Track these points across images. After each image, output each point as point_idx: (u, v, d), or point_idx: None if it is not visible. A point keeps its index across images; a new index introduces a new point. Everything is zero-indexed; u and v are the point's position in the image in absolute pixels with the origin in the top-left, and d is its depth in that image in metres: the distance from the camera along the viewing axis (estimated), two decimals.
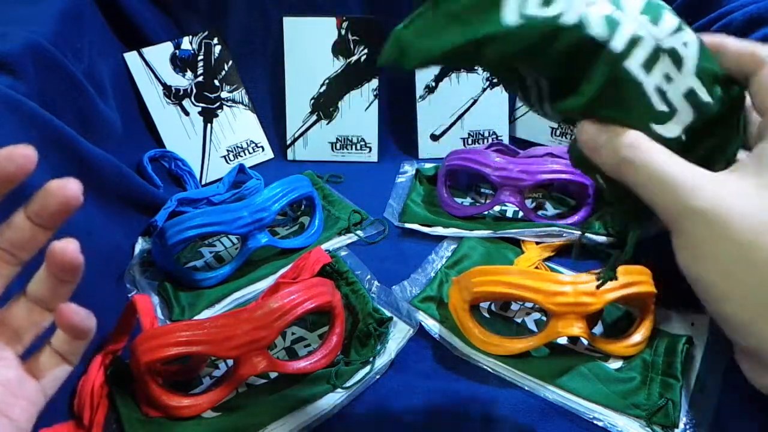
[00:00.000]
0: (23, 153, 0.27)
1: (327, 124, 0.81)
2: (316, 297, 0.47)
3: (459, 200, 0.69)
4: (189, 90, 0.78)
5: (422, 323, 0.52)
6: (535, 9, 0.25)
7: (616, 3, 0.26)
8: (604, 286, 0.45)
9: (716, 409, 0.44)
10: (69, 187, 0.28)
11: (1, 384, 0.29)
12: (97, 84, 0.65)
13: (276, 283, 0.53)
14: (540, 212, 0.68)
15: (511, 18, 0.25)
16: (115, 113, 0.68)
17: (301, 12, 0.78)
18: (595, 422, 0.44)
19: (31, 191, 0.44)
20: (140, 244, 0.62)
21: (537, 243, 0.61)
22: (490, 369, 0.48)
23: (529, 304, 0.54)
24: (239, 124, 0.81)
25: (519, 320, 0.53)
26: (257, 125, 0.82)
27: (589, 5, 0.25)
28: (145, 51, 0.75)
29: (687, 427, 0.43)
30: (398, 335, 0.51)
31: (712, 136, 0.27)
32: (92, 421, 0.42)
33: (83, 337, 0.31)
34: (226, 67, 0.80)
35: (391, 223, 0.67)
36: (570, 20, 0.25)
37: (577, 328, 0.46)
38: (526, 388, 0.47)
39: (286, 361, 0.48)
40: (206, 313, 0.55)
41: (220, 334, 0.43)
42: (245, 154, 0.80)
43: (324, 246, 0.63)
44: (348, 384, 0.47)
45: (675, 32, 0.26)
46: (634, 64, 0.26)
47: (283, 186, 0.60)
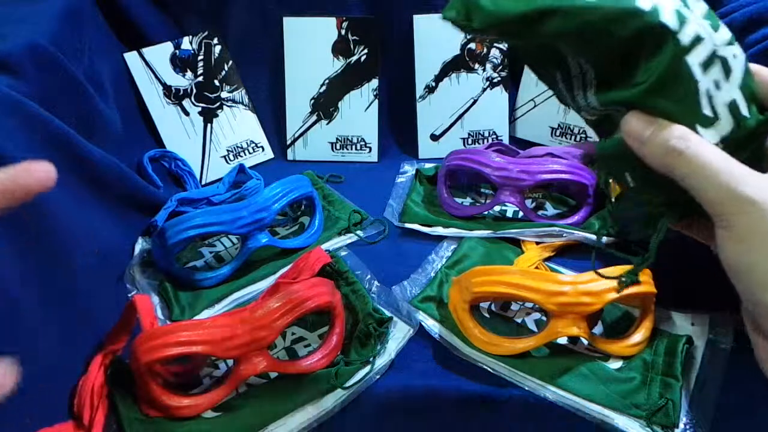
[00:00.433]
0: (44, 169, 0.27)
1: (327, 124, 0.81)
2: (316, 297, 0.47)
3: (459, 200, 0.69)
4: (189, 90, 0.78)
5: (422, 323, 0.52)
6: None
7: (684, 1, 0.27)
8: (603, 286, 0.45)
9: (716, 409, 0.44)
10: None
11: None
12: (97, 84, 0.65)
13: (276, 283, 0.53)
14: (540, 212, 0.68)
15: None
16: (115, 113, 0.68)
17: (301, 12, 0.78)
18: (595, 422, 0.44)
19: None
20: (140, 244, 0.62)
21: (537, 243, 0.61)
22: (490, 369, 0.48)
23: (529, 304, 0.54)
24: (239, 124, 0.81)
25: (519, 320, 0.53)
26: (257, 125, 0.82)
27: None
28: (145, 51, 0.75)
29: (687, 427, 0.43)
30: (398, 335, 0.51)
31: (743, 151, 0.28)
32: (92, 421, 0.42)
33: None
34: (226, 67, 0.80)
35: (391, 223, 0.67)
36: (645, 5, 0.26)
37: (577, 328, 0.45)
38: (526, 388, 0.47)
39: (286, 361, 0.48)
40: (206, 313, 0.55)
41: (220, 334, 0.43)
42: (245, 154, 0.80)
43: (324, 246, 0.63)
44: (348, 384, 0.47)
45: (729, 44, 0.27)
46: (695, 61, 0.26)
47: (283, 186, 0.60)
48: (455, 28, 0.28)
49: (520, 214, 0.65)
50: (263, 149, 0.82)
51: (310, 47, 0.79)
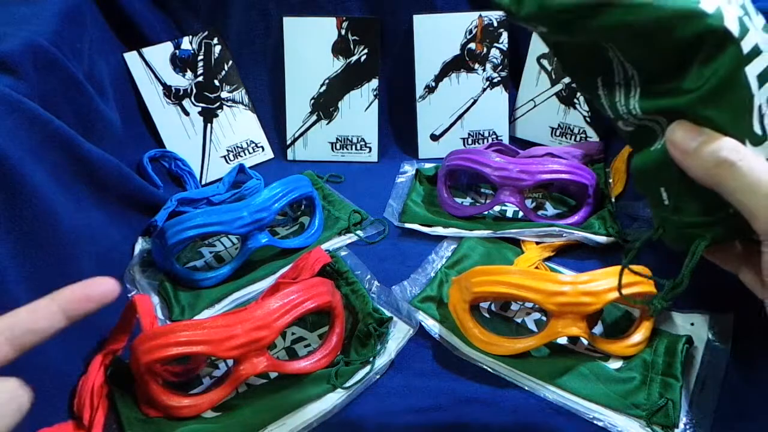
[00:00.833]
0: (110, 288, 0.27)
1: (327, 124, 0.81)
2: (316, 297, 0.47)
3: (459, 200, 0.69)
4: (189, 90, 0.78)
5: (422, 323, 0.52)
6: None
7: (746, 9, 0.26)
8: (603, 286, 0.45)
9: (716, 409, 0.44)
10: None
11: None
12: (97, 84, 0.65)
13: (276, 283, 0.53)
14: (540, 212, 0.68)
15: None
16: (115, 113, 0.68)
17: (301, 12, 0.78)
18: (595, 422, 0.44)
19: (30, 189, 0.44)
20: (140, 244, 0.62)
21: (537, 243, 0.61)
22: (490, 369, 0.48)
23: (529, 304, 0.54)
24: (239, 124, 0.81)
25: (519, 320, 0.53)
26: (257, 125, 0.82)
27: (726, 2, 0.25)
28: (145, 51, 0.75)
29: (687, 427, 0.43)
30: (398, 335, 0.51)
31: None
32: (92, 421, 0.42)
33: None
34: (226, 67, 0.80)
35: (391, 223, 0.67)
36: (709, 8, 0.25)
37: (577, 328, 0.45)
38: (526, 388, 0.47)
39: (286, 361, 0.48)
40: (206, 313, 0.55)
41: (220, 334, 0.43)
42: (245, 154, 0.81)
43: (324, 246, 0.63)
44: (348, 384, 0.47)
45: None
46: (752, 72, 0.25)
47: (283, 186, 0.60)
48: (506, 16, 0.27)
49: (520, 214, 0.65)
50: (263, 149, 0.82)
51: (310, 47, 0.79)
